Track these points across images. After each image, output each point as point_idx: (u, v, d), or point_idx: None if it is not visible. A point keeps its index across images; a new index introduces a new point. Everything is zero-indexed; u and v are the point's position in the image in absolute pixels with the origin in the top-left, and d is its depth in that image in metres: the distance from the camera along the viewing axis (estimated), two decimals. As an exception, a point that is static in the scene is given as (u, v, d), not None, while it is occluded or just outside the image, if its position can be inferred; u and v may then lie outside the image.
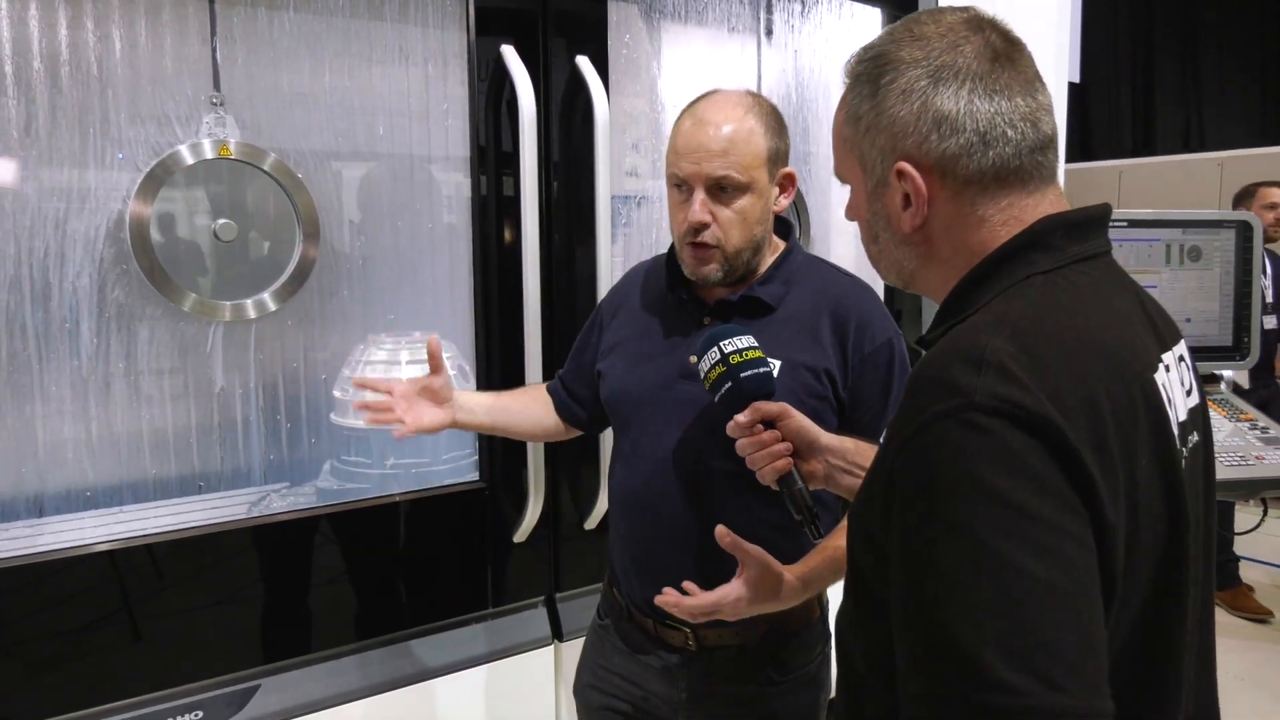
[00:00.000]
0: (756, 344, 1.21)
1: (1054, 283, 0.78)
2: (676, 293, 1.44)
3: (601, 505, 2.00)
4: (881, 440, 0.82)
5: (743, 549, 1.20)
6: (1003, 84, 0.80)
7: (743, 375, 1.18)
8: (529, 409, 1.62)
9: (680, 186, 1.35)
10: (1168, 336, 0.85)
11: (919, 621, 0.67)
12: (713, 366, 1.20)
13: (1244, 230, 2.36)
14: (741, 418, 1.16)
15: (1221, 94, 8.00)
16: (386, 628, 1.85)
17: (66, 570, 1.54)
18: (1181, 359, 0.86)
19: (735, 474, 1.33)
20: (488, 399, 1.58)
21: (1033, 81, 0.82)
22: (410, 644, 1.86)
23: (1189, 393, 0.85)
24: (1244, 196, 4.11)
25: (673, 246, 1.43)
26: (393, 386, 1.43)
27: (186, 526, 1.67)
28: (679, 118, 1.38)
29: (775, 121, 1.36)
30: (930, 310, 2.69)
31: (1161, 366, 0.80)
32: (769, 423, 1.16)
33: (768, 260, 1.42)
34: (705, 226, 1.33)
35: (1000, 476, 0.65)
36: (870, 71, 0.84)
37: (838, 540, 1.28)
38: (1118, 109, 8.34)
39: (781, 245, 1.45)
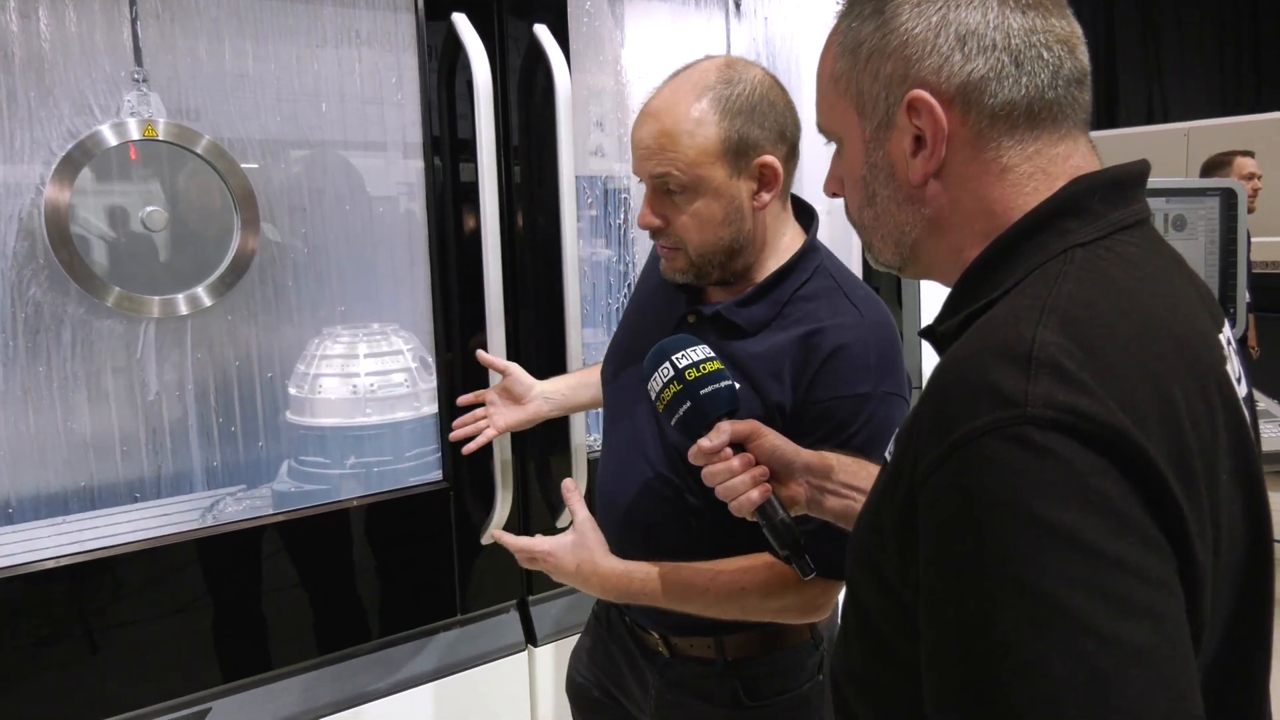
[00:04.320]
0: (714, 354, 1.06)
1: (1099, 256, 0.64)
2: (669, 282, 1.28)
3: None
4: (888, 458, 0.68)
5: (571, 509, 1.23)
6: None
7: (703, 393, 1.02)
8: None
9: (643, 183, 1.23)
10: (1218, 316, 0.72)
11: (973, 699, 0.54)
12: (665, 385, 1.04)
13: (1228, 198, 2.30)
14: (706, 442, 1.00)
15: (1183, 63, 8.01)
16: (348, 641, 1.75)
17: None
18: (1229, 342, 0.72)
19: (695, 491, 1.22)
20: (573, 379, 1.60)
21: (1064, 3, 0.70)
22: (374, 657, 1.77)
23: (1239, 381, 0.71)
24: (1216, 166, 4.04)
25: None
26: (483, 395, 1.57)
27: (134, 539, 1.56)
28: None
29: (744, 103, 1.15)
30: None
31: (1230, 354, 0.67)
32: (738, 445, 1.01)
33: (768, 265, 1.22)
34: (657, 230, 1.19)
35: (1067, 510, 0.52)
36: None
37: (691, 570, 1.17)
38: (1081, 81, 8.33)
39: (797, 245, 1.24)
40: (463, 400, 1.59)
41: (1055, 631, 0.51)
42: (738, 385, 1.08)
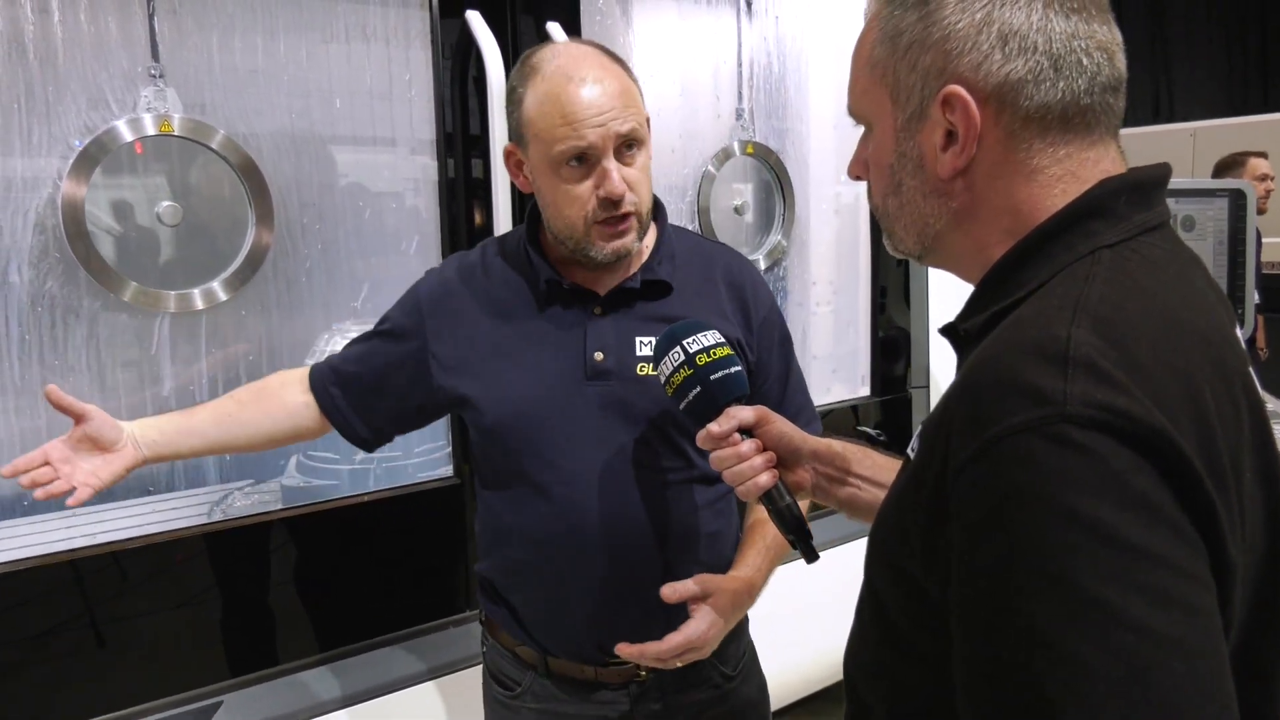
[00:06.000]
0: (724, 340, 1.07)
1: (1125, 258, 0.63)
2: (556, 284, 1.24)
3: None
4: (912, 456, 0.68)
5: (688, 591, 1.12)
6: (1081, 1, 0.67)
7: (713, 378, 1.03)
8: (258, 418, 1.31)
9: (577, 161, 1.15)
10: (1233, 318, 0.72)
11: (1010, 696, 0.54)
12: (676, 370, 1.04)
13: (1237, 199, 2.29)
14: (715, 427, 1.01)
15: (1190, 61, 7.99)
16: (358, 636, 1.75)
17: (4, 583, 1.42)
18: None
19: (679, 469, 1.24)
20: (173, 422, 1.28)
21: (1107, 9, 0.69)
22: (384, 652, 1.77)
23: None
24: (1229, 166, 4.03)
25: (529, 234, 1.27)
26: (46, 454, 1.17)
27: (143, 532, 1.57)
28: (535, 87, 1.16)
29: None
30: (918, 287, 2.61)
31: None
32: (745, 431, 1.02)
33: (650, 234, 1.28)
34: (621, 197, 1.16)
35: (1104, 507, 0.52)
36: None
37: (762, 532, 1.24)
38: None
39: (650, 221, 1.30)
40: (7, 471, 1.15)
41: (1091, 625, 0.51)
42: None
